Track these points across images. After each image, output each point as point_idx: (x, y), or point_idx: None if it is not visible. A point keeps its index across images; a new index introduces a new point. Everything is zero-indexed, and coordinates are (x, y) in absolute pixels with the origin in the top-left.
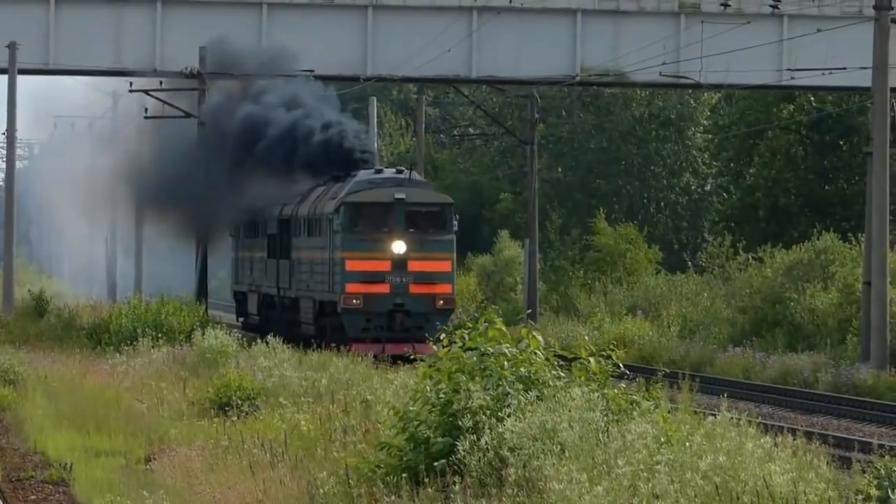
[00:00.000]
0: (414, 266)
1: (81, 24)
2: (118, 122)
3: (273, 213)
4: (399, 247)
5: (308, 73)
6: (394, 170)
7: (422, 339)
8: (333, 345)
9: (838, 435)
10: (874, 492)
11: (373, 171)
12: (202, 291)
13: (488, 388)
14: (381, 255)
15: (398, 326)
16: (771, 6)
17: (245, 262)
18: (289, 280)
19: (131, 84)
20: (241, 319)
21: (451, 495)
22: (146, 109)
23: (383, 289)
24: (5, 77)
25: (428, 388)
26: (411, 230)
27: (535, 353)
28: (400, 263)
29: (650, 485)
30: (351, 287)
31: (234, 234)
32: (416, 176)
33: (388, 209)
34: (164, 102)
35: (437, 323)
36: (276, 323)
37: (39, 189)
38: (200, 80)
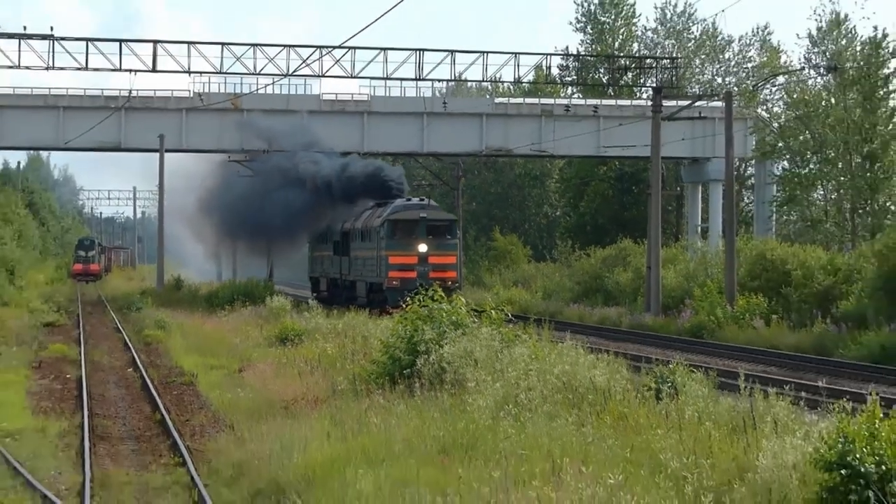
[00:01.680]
0: (433, 260)
1: (203, 123)
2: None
3: (336, 227)
4: (423, 247)
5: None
6: (418, 199)
7: None
8: (378, 310)
9: (633, 353)
10: (653, 384)
11: (405, 199)
12: (270, 276)
13: (434, 329)
14: (411, 252)
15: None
16: (593, 111)
17: (317, 258)
18: (349, 269)
19: (229, 157)
20: (314, 294)
21: (413, 389)
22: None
23: (412, 274)
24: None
25: (400, 328)
26: (430, 237)
27: (461, 309)
28: (423, 258)
29: (526, 382)
30: (392, 273)
31: (309, 241)
32: (432, 203)
33: (415, 223)
34: (245, 165)
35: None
36: (339, 297)
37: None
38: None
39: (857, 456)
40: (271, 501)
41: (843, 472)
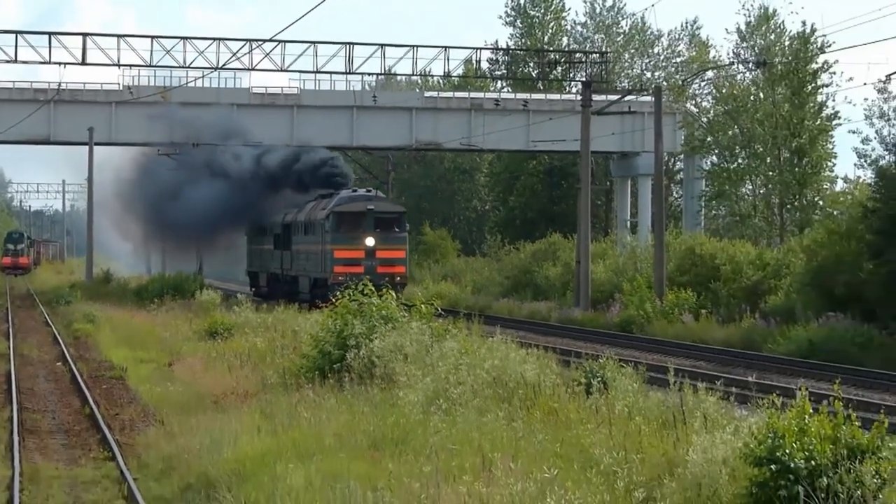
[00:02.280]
0: (380, 254)
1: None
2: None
3: (277, 220)
4: (370, 241)
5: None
6: (364, 190)
7: None
8: (323, 306)
9: (563, 347)
10: (583, 379)
11: (350, 190)
12: (200, 271)
13: (364, 323)
14: (358, 246)
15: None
16: (522, 105)
17: (256, 252)
18: (291, 264)
19: (158, 150)
20: (252, 289)
21: (343, 383)
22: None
23: (359, 269)
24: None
25: (330, 322)
26: (378, 230)
27: (391, 303)
28: (371, 252)
29: (456, 377)
30: (338, 268)
31: (247, 234)
32: (379, 194)
33: (362, 216)
34: (172, 158)
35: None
36: (279, 293)
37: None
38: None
39: (787, 451)
40: (201, 496)
41: (772, 467)
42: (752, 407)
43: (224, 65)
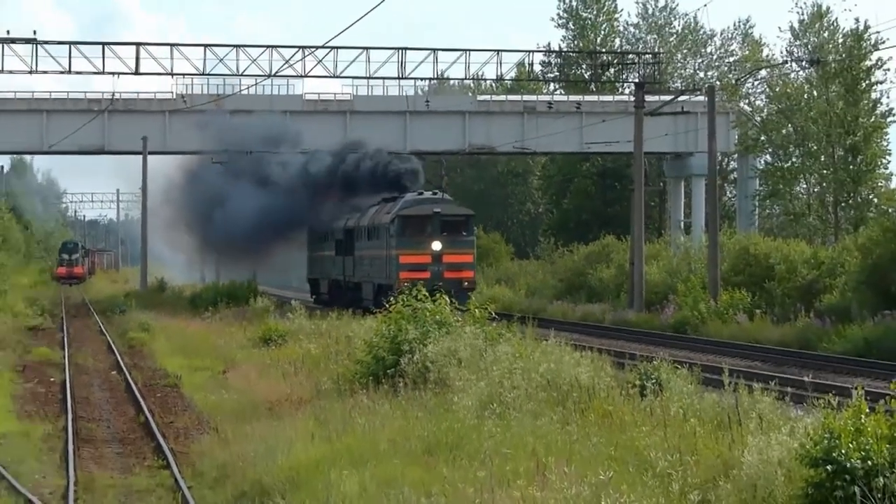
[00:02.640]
0: (447, 259)
1: (184, 125)
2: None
3: (339, 225)
4: (437, 245)
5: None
6: (430, 192)
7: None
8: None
9: (617, 350)
10: (638, 381)
11: (416, 193)
12: (254, 278)
13: (418, 328)
14: (424, 251)
15: None
16: (575, 107)
17: (317, 259)
18: (353, 270)
19: (212, 159)
20: (313, 296)
21: (397, 389)
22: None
23: (425, 275)
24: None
25: (384, 328)
26: (445, 233)
27: (445, 307)
28: (437, 257)
29: (510, 381)
30: (403, 274)
31: (308, 240)
32: (446, 196)
33: (428, 219)
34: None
35: (463, 297)
36: (341, 300)
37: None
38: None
39: (843, 451)
40: (255, 503)
41: (828, 467)
42: (807, 407)
43: (277, 72)
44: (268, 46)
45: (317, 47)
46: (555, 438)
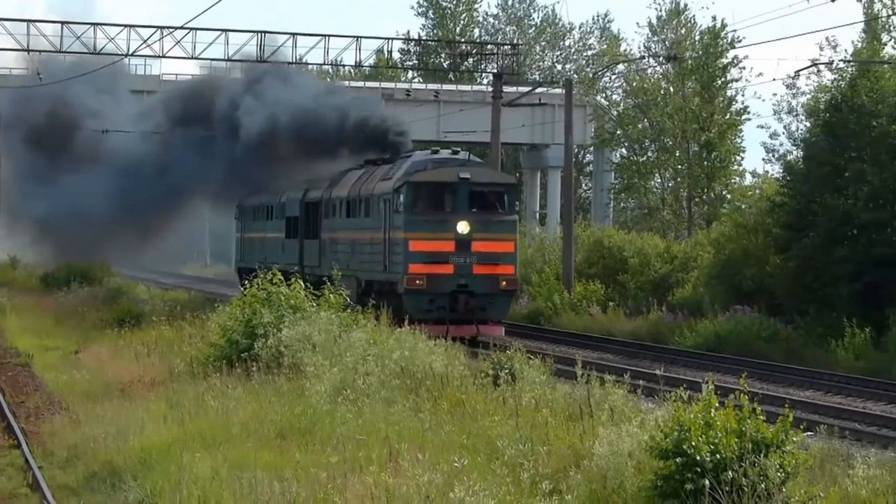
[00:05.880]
0: (478, 247)
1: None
2: None
3: (293, 198)
4: (463, 227)
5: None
6: (449, 151)
7: (485, 321)
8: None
9: (470, 339)
10: (491, 371)
11: (429, 151)
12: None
13: (272, 312)
14: (445, 234)
15: (461, 307)
16: (434, 95)
17: (255, 242)
18: (318, 259)
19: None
20: (244, 290)
21: (251, 373)
22: None
23: (447, 269)
24: None
25: (238, 311)
26: (475, 210)
27: (300, 292)
28: (464, 244)
29: (364, 367)
30: (414, 267)
31: (237, 217)
32: (473, 158)
33: (453, 188)
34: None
35: (502, 304)
36: None
37: None
38: None
39: (693, 444)
40: (107, 484)
41: (678, 460)
42: (659, 400)
43: (134, 52)
44: (126, 26)
45: (175, 28)
46: (408, 426)
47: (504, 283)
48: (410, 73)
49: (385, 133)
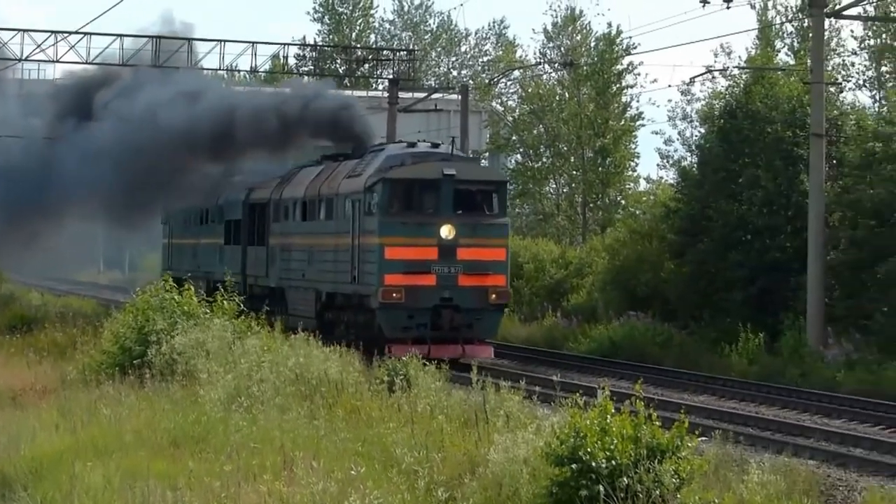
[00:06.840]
0: (464, 254)
1: None
2: None
3: (234, 198)
4: (447, 231)
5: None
6: (428, 144)
7: (472, 340)
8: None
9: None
10: (386, 377)
11: (405, 144)
12: None
13: (165, 319)
14: (426, 240)
15: (445, 324)
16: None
17: (185, 248)
18: (266, 269)
19: None
20: None
21: (144, 380)
22: None
23: (429, 280)
24: None
25: (130, 318)
26: (461, 212)
27: (193, 299)
28: (448, 251)
29: (258, 374)
30: (390, 278)
31: (165, 221)
32: (458, 152)
33: (435, 186)
34: None
35: (491, 321)
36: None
37: None
38: None
39: (588, 451)
40: None
41: (573, 466)
42: (554, 406)
43: (28, 56)
44: (19, 30)
45: (70, 32)
46: (302, 433)
47: (494, 296)
48: (306, 79)
49: (350, 123)
